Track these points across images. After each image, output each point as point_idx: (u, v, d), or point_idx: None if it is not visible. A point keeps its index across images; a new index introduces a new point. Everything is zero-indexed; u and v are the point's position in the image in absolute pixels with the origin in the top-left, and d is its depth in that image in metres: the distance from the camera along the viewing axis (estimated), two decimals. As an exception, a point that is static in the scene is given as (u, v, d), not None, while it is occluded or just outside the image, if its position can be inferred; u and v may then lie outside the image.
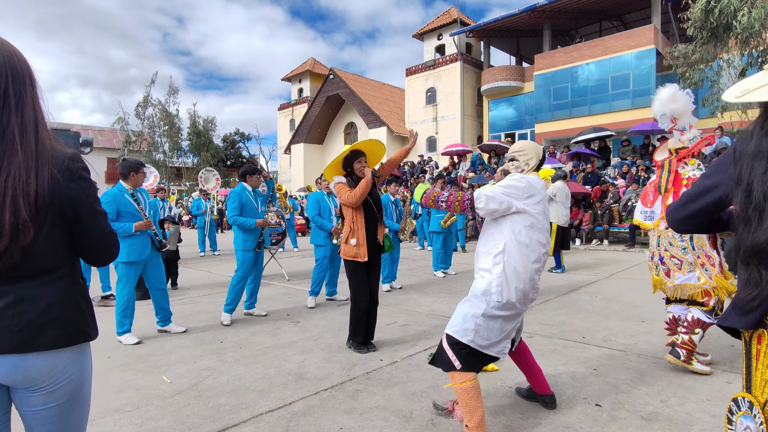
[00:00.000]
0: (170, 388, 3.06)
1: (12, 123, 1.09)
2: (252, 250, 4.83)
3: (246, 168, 5.00)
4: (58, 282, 1.19)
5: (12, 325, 1.10)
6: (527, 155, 2.55)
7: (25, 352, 1.12)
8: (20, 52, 1.16)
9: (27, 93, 1.14)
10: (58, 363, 1.18)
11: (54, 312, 1.16)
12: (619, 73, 19.07)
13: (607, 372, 3.18)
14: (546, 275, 7.31)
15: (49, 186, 1.11)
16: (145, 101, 31.14)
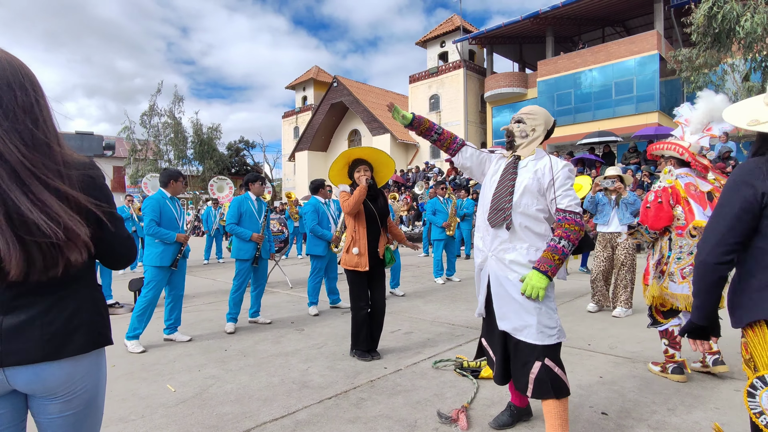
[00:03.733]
0: (174, 397, 3.05)
1: (43, 134, 1.12)
2: (248, 260, 4.82)
3: (249, 176, 5.03)
4: (83, 289, 1.22)
5: (41, 335, 1.12)
6: (536, 120, 2.28)
7: (54, 360, 1.14)
8: (26, 65, 1.17)
9: (45, 104, 1.16)
10: (77, 371, 1.20)
11: (79, 318, 1.19)
12: (623, 78, 19.06)
13: (613, 380, 3.15)
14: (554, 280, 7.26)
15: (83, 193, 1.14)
16: (150, 110, 31.43)
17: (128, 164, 30.21)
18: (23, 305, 1.12)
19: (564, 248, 2.03)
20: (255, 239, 4.80)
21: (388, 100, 19.00)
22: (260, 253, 4.89)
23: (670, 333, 3.24)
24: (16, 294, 1.11)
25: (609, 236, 5.20)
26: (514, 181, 2.17)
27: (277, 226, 7.55)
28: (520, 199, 2.13)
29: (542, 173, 2.13)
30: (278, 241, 7.56)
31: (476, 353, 2.52)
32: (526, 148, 2.26)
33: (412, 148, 27.06)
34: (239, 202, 4.89)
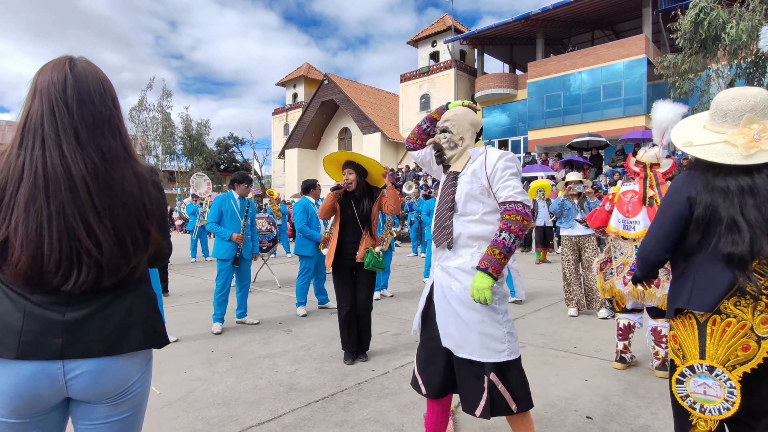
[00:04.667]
0: (160, 400, 3.02)
1: (122, 146, 1.18)
2: (228, 260, 4.79)
3: (235, 176, 4.98)
4: (140, 286, 1.24)
5: (102, 329, 1.13)
6: (461, 127, 2.10)
7: (113, 355, 1.14)
8: (106, 75, 1.23)
9: (120, 113, 1.22)
10: (133, 370, 1.20)
11: (136, 314, 1.20)
12: (611, 81, 19.27)
13: (598, 383, 3.19)
14: (540, 282, 7.34)
15: (155, 200, 1.22)
16: (140, 105, 31.05)
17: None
18: (84, 300, 1.13)
19: (505, 241, 1.82)
20: (234, 239, 4.76)
21: (379, 98, 19.04)
22: (241, 254, 4.85)
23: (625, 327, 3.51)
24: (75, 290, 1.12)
25: (575, 239, 5.26)
26: (453, 194, 2.03)
27: (266, 225, 7.50)
28: (464, 207, 2.00)
29: (480, 173, 1.98)
30: (267, 240, 7.51)
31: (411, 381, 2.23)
32: (459, 160, 2.09)
33: (403, 147, 27.05)
34: (221, 200, 4.86)
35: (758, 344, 1.39)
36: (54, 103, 1.10)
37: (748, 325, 1.41)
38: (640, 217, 3.34)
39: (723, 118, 1.45)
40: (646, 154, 3.39)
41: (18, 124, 1.12)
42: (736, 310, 1.43)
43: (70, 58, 1.17)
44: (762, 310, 1.40)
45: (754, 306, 1.41)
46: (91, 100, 1.14)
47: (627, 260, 3.40)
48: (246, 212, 4.92)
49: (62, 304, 1.11)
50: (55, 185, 1.06)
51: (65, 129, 1.10)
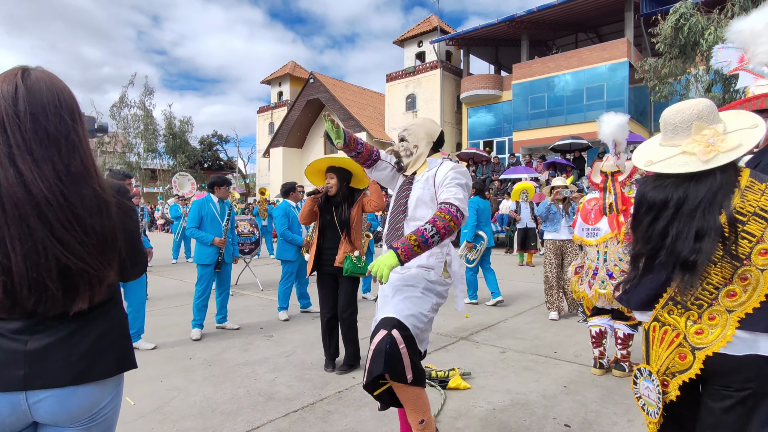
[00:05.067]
0: (134, 411, 2.95)
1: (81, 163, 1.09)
2: (210, 265, 4.72)
3: (214, 179, 4.90)
4: (110, 310, 1.21)
5: (68, 358, 1.09)
6: (417, 136, 2.22)
7: (81, 384, 1.10)
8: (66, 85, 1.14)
9: (82, 128, 1.13)
10: (103, 396, 1.16)
11: (106, 341, 1.16)
12: (594, 84, 19.52)
13: (577, 389, 3.21)
14: (522, 284, 7.39)
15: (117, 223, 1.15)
16: (121, 101, 30.44)
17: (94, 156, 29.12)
18: (49, 328, 1.08)
19: (425, 231, 1.82)
20: (216, 244, 4.69)
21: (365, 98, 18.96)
22: (223, 258, 4.77)
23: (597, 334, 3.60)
24: (42, 317, 1.07)
25: (559, 243, 5.31)
26: (407, 198, 2.16)
27: (248, 228, 7.41)
28: (414, 212, 2.12)
29: (432, 180, 2.12)
30: (249, 242, 7.42)
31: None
32: (414, 166, 2.22)
33: (388, 146, 26.83)
34: (200, 205, 4.77)
35: (693, 354, 1.40)
36: (5, 117, 1.03)
37: (681, 334, 1.43)
38: (601, 224, 3.58)
39: (674, 131, 1.50)
40: (606, 163, 3.55)
41: None
42: (669, 319, 1.46)
43: (23, 69, 1.09)
44: (695, 321, 1.42)
45: (686, 316, 1.43)
46: (44, 114, 1.05)
47: (591, 264, 3.58)
48: (228, 216, 4.84)
49: (25, 332, 1.06)
50: (13, 206, 1.00)
51: (18, 145, 1.02)
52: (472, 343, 4.36)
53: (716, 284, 1.38)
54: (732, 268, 1.36)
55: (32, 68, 1.11)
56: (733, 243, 1.35)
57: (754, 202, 1.36)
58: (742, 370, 1.35)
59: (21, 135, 1.03)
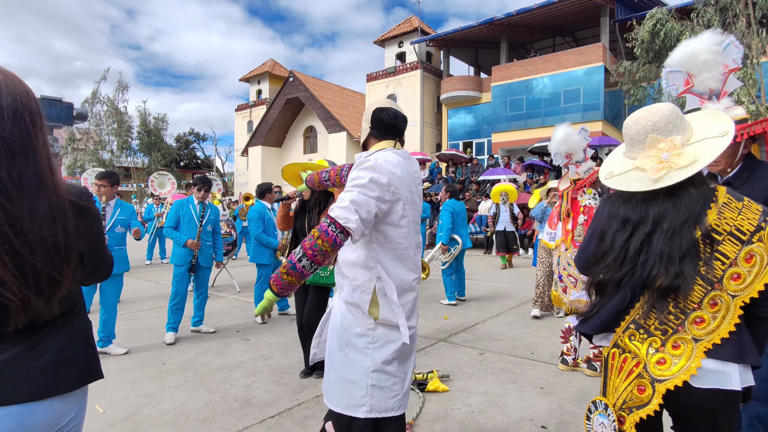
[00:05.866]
0: (103, 419, 2.85)
1: (34, 170, 1.02)
2: (183, 266, 4.63)
3: (195, 180, 4.82)
4: (72, 318, 1.15)
5: (27, 372, 1.03)
6: (365, 118, 1.82)
7: (42, 399, 1.04)
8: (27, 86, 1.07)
9: (41, 132, 1.05)
10: (66, 411, 1.11)
11: (69, 352, 1.11)
12: (570, 87, 19.89)
13: (553, 390, 3.25)
14: (501, 285, 7.47)
15: (74, 231, 1.08)
16: (93, 97, 29.58)
17: (65, 154, 28.25)
18: (6, 342, 1.03)
19: (293, 255, 1.54)
20: (189, 245, 4.59)
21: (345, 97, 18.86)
22: (197, 261, 4.67)
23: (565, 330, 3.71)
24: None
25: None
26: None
27: (225, 228, 7.27)
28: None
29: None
30: (226, 243, 7.29)
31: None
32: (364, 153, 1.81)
33: (369, 146, 27.02)
34: (179, 205, 4.71)
35: (652, 387, 1.24)
36: None
37: (642, 363, 1.27)
38: (558, 229, 3.77)
39: (631, 143, 1.38)
40: (570, 172, 3.71)
41: None
42: (630, 345, 1.31)
43: None
44: (657, 348, 1.26)
45: (649, 342, 1.27)
46: (1, 119, 0.99)
47: (555, 267, 3.73)
48: (202, 217, 4.73)
49: None
50: None
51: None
52: (451, 345, 4.37)
53: (683, 308, 1.24)
54: (702, 291, 1.22)
55: None
56: (706, 264, 1.23)
57: (731, 221, 1.24)
58: (707, 403, 1.22)
59: None
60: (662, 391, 1.22)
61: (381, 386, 1.65)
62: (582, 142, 3.68)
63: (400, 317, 1.66)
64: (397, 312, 1.66)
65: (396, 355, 1.69)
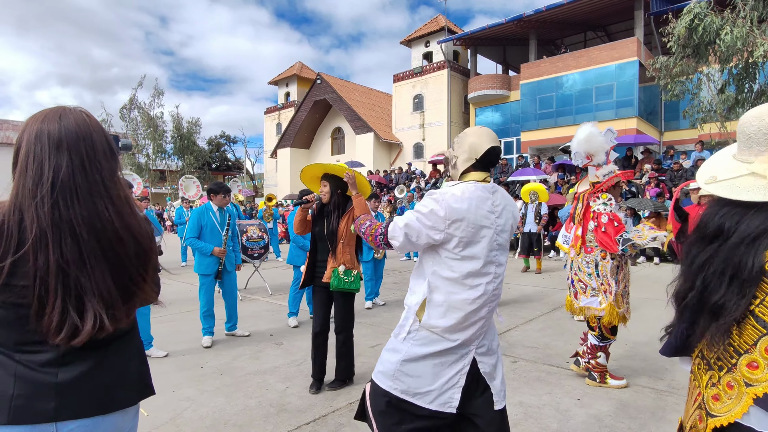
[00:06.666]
0: (147, 422, 2.96)
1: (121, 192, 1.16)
2: (210, 275, 4.71)
3: (212, 186, 4.88)
4: (130, 339, 1.24)
5: (95, 389, 1.12)
6: (460, 147, 1.88)
7: (108, 413, 1.13)
8: (100, 125, 1.20)
9: (116, 163, 1.19)
10: (125, 424, 1.20)
11: (129, 370, 1.20)
12: (603, 83, 19.35)
13: (590, 402, 3.18)
14: (531, 289, 7.35)
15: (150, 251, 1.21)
16: (130, 103, 30.72)
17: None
18: (77, 359, 1.11)
19: (368, 222, 1.98)
20: (216, 254, 4.67)
21: (372, 98, 18.91)
22: (224, 266, 4.76)
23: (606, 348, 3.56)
24: (69, 348, 1.09)
25: None
26: None
27: (258, 232, 7.43)
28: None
29: None
30: (258, 247, 7.44)
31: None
32: (452, 182, 1.92)
33: (396, 147, 27.02)
34: (199, 214, 4.72)
35: (706, 420, 1.16)
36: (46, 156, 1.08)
37: (702, 394, 1.20)
38: (571, 232, 3.74)
39: (747, 144, 1.15)
40: (590, 175, 3.65)
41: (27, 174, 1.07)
42: (697, 373, 1.24)
43: (62, 109, 1.15)
44: (714, 383, 1.16)
45: (709, 375, 1.19)
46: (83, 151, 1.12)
47: (568, 272, 3.71)
48: (227, 224, 4.83)
49: (54, 364, 1.09)
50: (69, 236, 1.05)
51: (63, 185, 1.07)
52: (483, 352, 4.33)
53: (737, 347, 1.10)
54: (756, 333, 1.07)
55: (70, 108, 1.17)
56: (762, 303, 1.06)
57: None
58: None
59: (62, 173, 1.08)
60: (711, 427, 1.14)
61: (410, 375, 1.79)
62: (605, 144, 3.54)
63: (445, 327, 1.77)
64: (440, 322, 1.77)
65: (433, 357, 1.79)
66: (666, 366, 3.81)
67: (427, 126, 25.34)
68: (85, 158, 1.11)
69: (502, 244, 1.84)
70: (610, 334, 3.48)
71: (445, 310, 1.76)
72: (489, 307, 1.80)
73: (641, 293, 6.94)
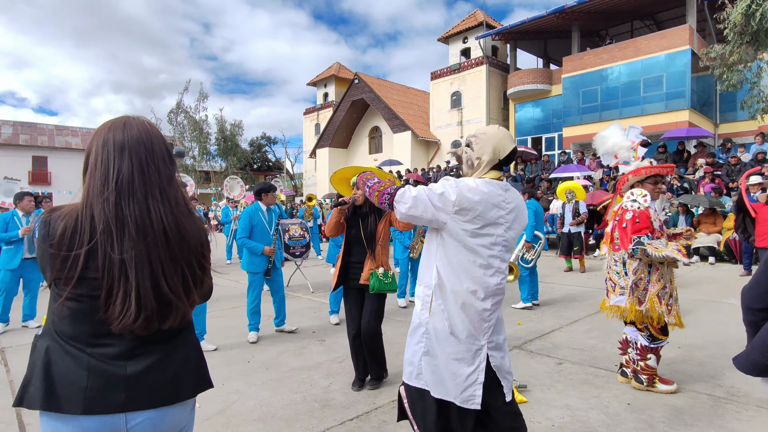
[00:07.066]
0: (200, 413, 3.10)
1: (181, 199, 1.24)
2: (260, 273, 4.84)
3: (261, 186, 5.01)
4: (189, 335, 1.31)
5: (160, 381, 1.20)
6: (483, 147, 1.89)
7: (170, 404, 1.21)
8: (160, 133, 1.29)
9: (175, 168, 1.29)
10: (185, 415, 1.27)
11: (189, 364, 1.27)
12: (652, 75, 18.47)
13: (641, 407, 3.06)
14: (576, 289, 7.13)
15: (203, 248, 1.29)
16: (177, 107, 32.09)
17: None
18: (143, 353, 1.19)
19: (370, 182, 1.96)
20: (267, 253, 4.81)
21: (410, 96, 18.97)
22: (273, 264, 4.90)
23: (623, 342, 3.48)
24: (137, 343, 1.18)
25: None
26: None
27: (299, 231, 7.59)
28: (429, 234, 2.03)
29: None
30: (300, 245, 7.61)
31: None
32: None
33: (433, 145, 26.87)
34: (250, 214, 4.87)
35: None
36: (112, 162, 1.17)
37: None
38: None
39: None
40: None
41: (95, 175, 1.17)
42: None
43: (126, 119, 1.24)
44: None
45: None
46: (146, 158, 1.20)
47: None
48: (277, 224, 4.97)
49: (123, 358, 1.16)
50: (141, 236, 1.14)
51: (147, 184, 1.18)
52: (526, 353, 4.25)
53: None
54: None
55: (133, 118, 1.25)
56: None
57: None
58: None
59: (123, 174, 1.16)
60: None
61: (432, 369, 1.82)
62: (625, 141, 3.48)
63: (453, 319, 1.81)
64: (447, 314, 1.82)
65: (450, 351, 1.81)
66: (725, 371, 3.61)
67: (465, 123, 25.03)
68: (143, 162, 1.18)
69: (509, 242, 1.87)
70: (661, 334, 3.31)
71: (452, 302, 1.81)
72: (493, 300, 1.83)
73: (695, 295, 6.59)
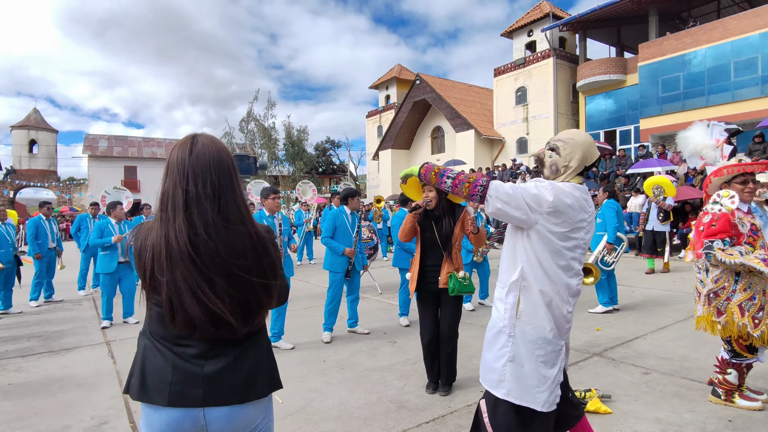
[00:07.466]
0: (282, 409, 3.27)
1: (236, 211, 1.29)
2: (340, 273, 4.99)
3: (348, 191, 5.21)
4: (261, 338, 1.39)
5: (234, 380, 1.28)
6: (572, 152, 1.87)
7: (244, 402, 1.29)
8: (224, 145, 1.36)
9: (237, 182, 1.34)
10: (258, 413, 1.35)
11: (261, 365, 1.35)
12: (743, 57, 16.74)
13: (745, 426, 2.80)
14: (660, 293, 6.65)
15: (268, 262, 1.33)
16: (248, 116, 33.93)
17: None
18: (219, 354, 1.28)
19: (446, 173, 1.92)
20: (347, 254, 4.95)
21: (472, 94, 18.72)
22: (353, 266, 5.04)
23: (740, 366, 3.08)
24: (211, 345, 1.28)
25: None
26: None
27: (367, 233, 7.74)
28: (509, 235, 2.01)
29: None
30: (368, 247, 7.76)
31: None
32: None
33: (498, 143, 26.20)
34: (335, 216, 5.08)
35: None
36: (178, 177, 1.25)
37: None
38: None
39: None
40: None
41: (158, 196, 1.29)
42: None
43: (193, 136, 1.32)
44: None
45: None
46: (209, 173, 1.26)
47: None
48: (358, 227, 5.12)
49: (201, 357, 1.27)
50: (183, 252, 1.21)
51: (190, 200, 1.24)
52: (608, 361, 4.04)
53: None
54: None
55: (200, 135, 1.33)
56: None
57: None
58: None
59: (191, 192, 1.24)
60: None
61: (518, 376, 1.80)
62: (707, 141, 3.21)
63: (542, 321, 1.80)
64: (536, 316, 1.80)
65: (539, 354, 1.80)
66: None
67: (531, 119, 24.17)
68: (208, 181, 1.25)
69: (587, 244, 1.89)
70: (746, 351, 2.99)
71: (540, 303, 1.79)
72: (574, 301, 1.85)
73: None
